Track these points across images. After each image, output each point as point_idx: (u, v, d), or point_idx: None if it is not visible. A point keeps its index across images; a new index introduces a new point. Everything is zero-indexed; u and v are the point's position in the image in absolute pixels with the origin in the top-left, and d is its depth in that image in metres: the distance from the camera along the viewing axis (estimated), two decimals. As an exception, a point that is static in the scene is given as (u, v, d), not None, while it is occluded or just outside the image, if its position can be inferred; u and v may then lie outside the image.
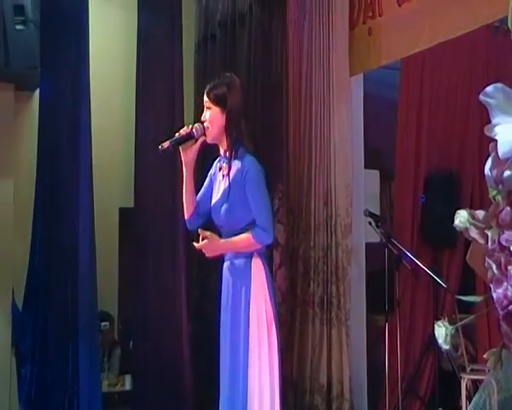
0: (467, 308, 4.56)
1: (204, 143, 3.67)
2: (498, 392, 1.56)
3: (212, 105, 3.63)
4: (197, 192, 3.77)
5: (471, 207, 6.04)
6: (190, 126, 3.66)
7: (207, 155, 3.92)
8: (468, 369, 5.41)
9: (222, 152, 3.70)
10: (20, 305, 5.24)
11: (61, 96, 5.15)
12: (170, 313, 5.39)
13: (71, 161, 5.09)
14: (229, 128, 3.60)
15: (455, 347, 5.45)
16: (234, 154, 3.60)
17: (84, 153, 5.07)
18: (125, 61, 6.15)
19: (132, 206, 5.61)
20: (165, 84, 5.57)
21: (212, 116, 3.62)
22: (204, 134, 3.64)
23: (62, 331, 4.94)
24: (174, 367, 5.34)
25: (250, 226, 3.53)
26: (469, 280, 5.91)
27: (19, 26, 5.12)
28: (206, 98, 3.65)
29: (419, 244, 6.20)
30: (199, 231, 3.61)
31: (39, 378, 4.94)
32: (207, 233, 3.58)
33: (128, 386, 5.82)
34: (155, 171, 5.41)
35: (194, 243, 3.64)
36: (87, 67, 5.15)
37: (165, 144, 3.57)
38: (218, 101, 3.60)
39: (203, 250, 3.61)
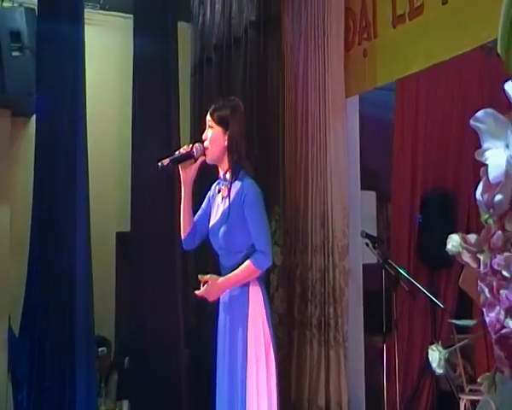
0: (464, 329, 4.54)
1: (203, 163, 3.68)
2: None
3: (214, 125, 3.64)
4: (195, 213, 3.78)
5: (468, 226, 6.06)
6: (190, 145, 3.67)
7: (206, 178, 3.92)
8: (466, 389, 5.40)
9: (221, 174, 3.70)
10: (16, 331, 5.22)
11: (57, 122, 5.15)
12: (167, 337, 5.37)
13: (67, 187, 5.08)
14: (230, 149, 3.61)
15: (453, 367, 5.43)
16: (234, 176, 3.61)
17: (81, 178, 5.07)
18: (121, 86, 6.16)
19: (129, 230, 5.61)
20: (161, 109, 5.57)
21: (214, 136, 3.63)
22: (204, 154, 3.65)
23: (59, 357, 4.91)
24: (171, 392, 5.31)
25: (248, 249, 3.53)
26: (466, 300, 5.88)
27: (15, 53, 5.15)
28: (209, 117, 3.67)
29: (416, 265, 6.18)
30: (199, 277, 3.60)
31: (36, 405, 4.90)
32: (207, 277, 3.57)
33: (126, 412, 5.79)
34: (152, 195, 5.42)
35: (196, 292, 3.63)
36: (83, 93, 5.15)
37: (165, 161, 3.59)
38: (221, 121, 3.62)
39: (205, 296, 3.60)
